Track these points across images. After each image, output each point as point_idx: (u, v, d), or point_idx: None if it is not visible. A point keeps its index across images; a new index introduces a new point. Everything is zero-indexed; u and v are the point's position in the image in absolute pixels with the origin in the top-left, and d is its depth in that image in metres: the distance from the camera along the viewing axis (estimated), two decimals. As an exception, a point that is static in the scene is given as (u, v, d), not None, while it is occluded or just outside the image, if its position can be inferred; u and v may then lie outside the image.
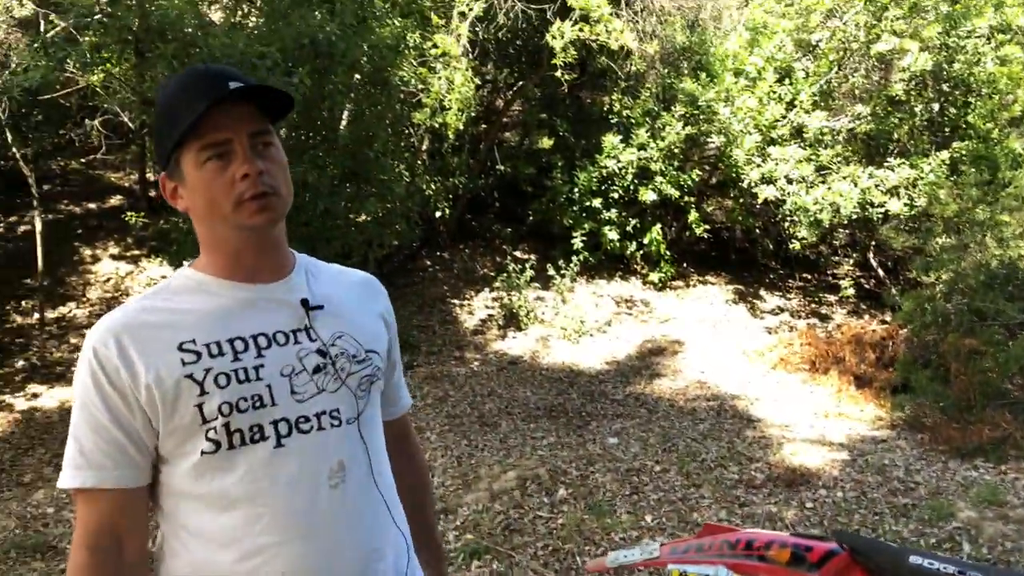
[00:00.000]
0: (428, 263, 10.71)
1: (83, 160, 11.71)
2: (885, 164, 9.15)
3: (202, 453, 1.14)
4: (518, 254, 10.88)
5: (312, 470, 1.19)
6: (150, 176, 11.05)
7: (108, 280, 9.27)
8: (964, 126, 9.18)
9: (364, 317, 1.36)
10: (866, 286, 10.92)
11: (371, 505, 1.27)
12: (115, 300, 8.91)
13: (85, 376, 1.15)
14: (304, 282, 1.30)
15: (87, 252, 9.77)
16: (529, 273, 9.50)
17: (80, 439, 1.14)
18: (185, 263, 1.30)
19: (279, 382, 1.19)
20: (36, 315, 8.40)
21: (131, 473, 1.14)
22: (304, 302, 1.26)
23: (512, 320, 9.37)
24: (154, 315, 1.19)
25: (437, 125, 9.12)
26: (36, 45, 6.78)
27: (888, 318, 9.17)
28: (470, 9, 8.94)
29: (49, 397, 7.26)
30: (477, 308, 9.81)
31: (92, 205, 10.89)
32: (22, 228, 10.02)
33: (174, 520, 1.20)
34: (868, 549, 1.83)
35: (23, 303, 8.65)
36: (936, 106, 9.54)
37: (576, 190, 9.90)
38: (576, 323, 9.17)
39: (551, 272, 9.79)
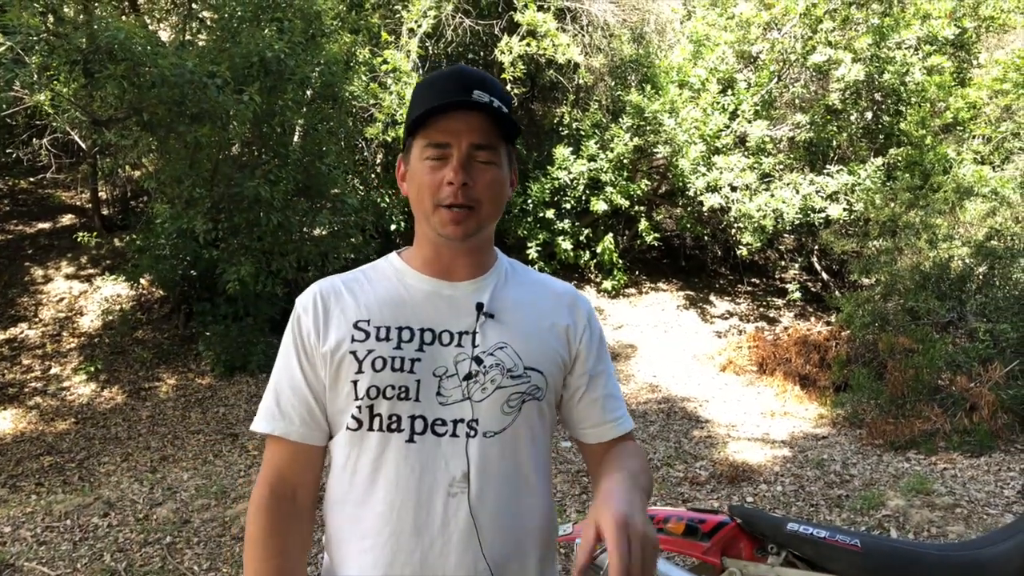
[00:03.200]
0: (384, 276, 10.77)
1: (32, 180, 11.60)
2: (825, 171, 9.46)
3: (347, 428, 1.22)
4: (474, 265, 10.99)
5: (433, 474, 1.18)
6: (102, 195, 10.99)
7: (61, 300, 9.20)
8: (898, 133, 9.55)
9: (538, 333, 1.29)
10: (812, 289, 11.25)
11: (489, 523, 1.20)
12: (69, 320, 8.85)
13: (288, 336, 1.27)
14: (492, 286, 1.30)
15: (38, 272, 9.68)
16: (484, 283, 9.63)
17: (279, 392, 1.26)
18: (395, 251, 1.35)
19: (429, 380, 1.20)
20: (-13, 336, 8.32)
21: (312, 432, 1.24)
22: (479, 306, 1.26)
23: (468, 330, 9.46)
24: (350, 289, 1.28)
25: (390, 139, 9.24)
26: (-18, 66, 6.76)
27: (833, 320, 9.47)
28: (419, 26, 9.10)
29: (1, 418, 7.20)
30: (434, 319, 9.89)
31: (43, 225, 10.79)
32: (-29, 249, 9.91)
33: (332, 479, 1.28)
34: (753, 519, 2.05)
35: (-27, 325, 8.56)
36: (870, 114, 9.90)
37: (530, 201, 10.08)
38: (531, 332, 9.29)
39: (506, 282, 9.92)
